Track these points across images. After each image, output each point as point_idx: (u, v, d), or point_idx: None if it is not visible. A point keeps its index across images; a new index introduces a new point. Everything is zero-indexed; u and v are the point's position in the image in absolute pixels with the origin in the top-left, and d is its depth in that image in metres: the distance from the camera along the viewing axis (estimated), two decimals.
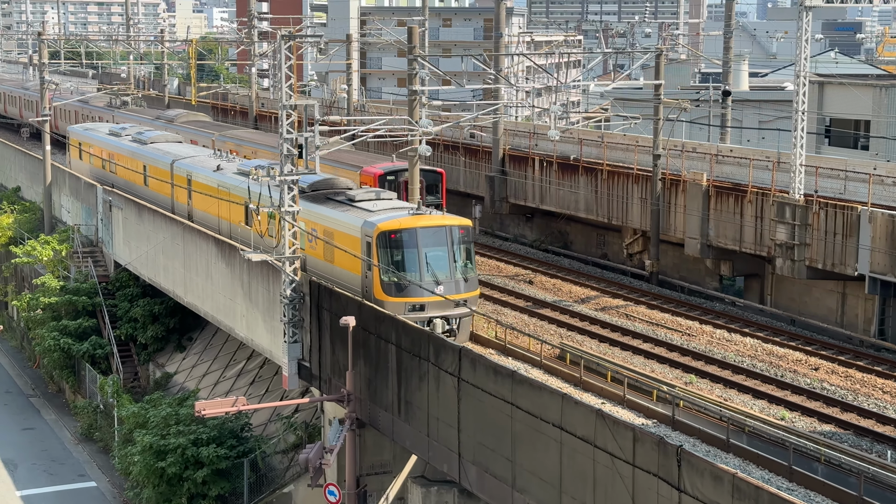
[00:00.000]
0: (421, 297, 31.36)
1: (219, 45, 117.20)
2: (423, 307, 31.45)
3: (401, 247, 31.47)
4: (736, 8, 52.87)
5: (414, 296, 31.42)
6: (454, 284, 31.68)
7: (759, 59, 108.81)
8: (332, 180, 36.92)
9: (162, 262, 46.37)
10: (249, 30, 73.43)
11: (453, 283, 31.67)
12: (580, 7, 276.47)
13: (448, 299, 31.33)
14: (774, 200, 36.74)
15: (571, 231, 49.48)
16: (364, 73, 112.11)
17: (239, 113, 75.84)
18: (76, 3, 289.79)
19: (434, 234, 31.78)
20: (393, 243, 31.38)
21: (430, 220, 31.95)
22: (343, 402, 31.81)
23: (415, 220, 31.68)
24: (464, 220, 32.69)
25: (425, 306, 31.43)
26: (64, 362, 50.61)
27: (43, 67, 58.47)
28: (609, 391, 27.48)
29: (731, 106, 50.32)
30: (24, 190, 67.83)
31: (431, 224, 31.83)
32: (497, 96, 48.91)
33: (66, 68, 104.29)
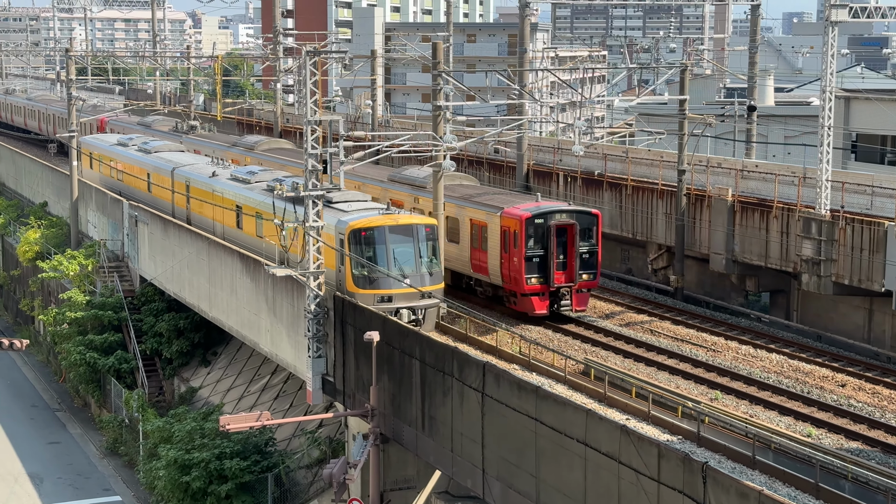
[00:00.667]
0: (389, 289, 33.99)
1: (244, 60, 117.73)
2: (391, 299, 34.01)
3: (370, 243, 34.31)
4: (761, 23, 52.71)
5: (382, 288, 34.03)
6: (420, 278, 34.45)
7: (785, 74, 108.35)
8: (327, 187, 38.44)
9: (187, 277, 46.53)
10: (275, 46, 73.77)
11: (419, 277, 34.46)
12: (605, 22, 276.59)
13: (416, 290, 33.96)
14: (800, 216, 36.55)
15: None
16: (388, 88, 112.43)
17: (264, 128, 76.12)
18: (103, 20, 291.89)
19: (401, 231, 34.72)
20: (363, 240, 34.19)
21: (398, 220, 34.94)
22: (367, 418, 31.81)
23: (384, 219, 34.70)
24: (429, 220, 35.86)
25: (393, 298, 34.03)
26: (90, 377, 50.83)
27: (70, 83, 58.89)
28: (634, 407, 27.35)
29: (756, 121, 50.13)
30: (51, 205, 68.28)
31: (399, 223, 34.79)
32: (521, 111, 48.90)
33: (93, 84, 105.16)
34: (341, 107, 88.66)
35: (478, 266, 37.76)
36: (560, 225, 35.87)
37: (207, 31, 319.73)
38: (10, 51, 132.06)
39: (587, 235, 36.34)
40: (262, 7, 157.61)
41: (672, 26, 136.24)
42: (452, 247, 38.36)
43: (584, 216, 36.63)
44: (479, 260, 37.59)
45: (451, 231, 38.36)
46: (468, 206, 38.01)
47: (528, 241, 35.50)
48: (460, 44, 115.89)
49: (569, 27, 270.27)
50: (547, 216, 35.89)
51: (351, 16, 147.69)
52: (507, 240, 36.00)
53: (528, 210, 35.89)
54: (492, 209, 36.83)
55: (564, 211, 36.41)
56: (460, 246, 38.41)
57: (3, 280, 73.03)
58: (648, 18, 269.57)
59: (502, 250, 36.23)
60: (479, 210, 37.47)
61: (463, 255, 38.40)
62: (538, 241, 35.65)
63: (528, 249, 35.50)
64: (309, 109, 33.31)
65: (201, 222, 46.76)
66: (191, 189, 48.01)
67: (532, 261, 35.69)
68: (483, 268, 37.43)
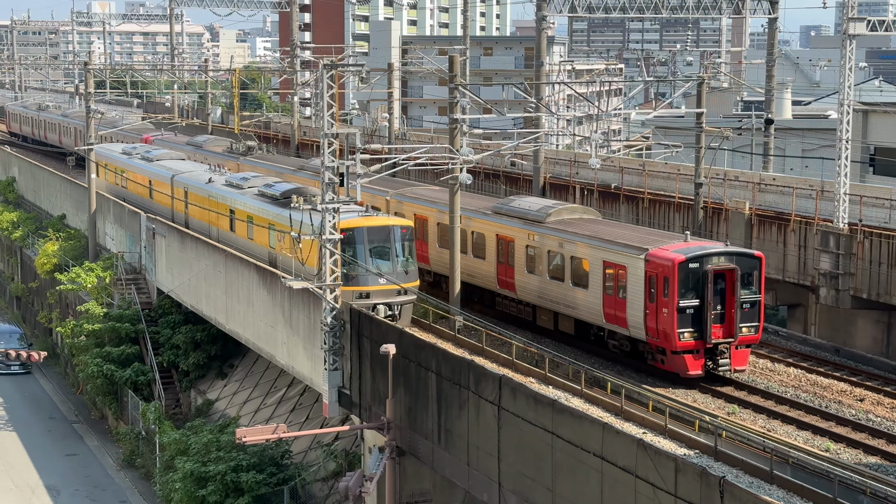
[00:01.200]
0: (367, 286, 35.39)
1: (262, 74, 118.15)
2: (369, 295, 35.32)
3: (350, 243, 35.42)
4: (778, 36, 52.63)
5: (361, 285, 35.44)
6: (395, 276, 35.78)
7: (803, 88, 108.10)
8: (301, 188, 41.78)
9: (204, 290, 46.64)
10: (292, 59, 74.07)
11: (395, 275, 35.76)
12: (621, 36, 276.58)
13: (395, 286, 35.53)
14: (818, 229, 36.43)
15: None
16: (405, 101, 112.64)
17: (281, 141, 76.35)
18: (122, 34, 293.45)
19: (379, 232, 36.17)
20: (343, 240, 34.82)
21: (376, 221, 36.57)
22: (383, 430, 31.80)
23: (363, 220, 36.18)
24: (406, 222, 37.38)
25: (371, 294, 35.32)
26: (107, 389, 50.96)
27: (89, 97, 59.20)
28: (650, 421, 27.25)
29: (773, 134, 50.07)
30: (69, 217, 68.56)
31: (377, 224, 36.38)
32: (538, 124, 48.92)
33: (111, 97, 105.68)
34: (358, 120, 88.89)
35: (613, 316, 33.08)
36: (718, 270, 31.23)
37: (225, 45, 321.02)
38: (30, 64, 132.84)
39: (749, 282, 31.65)
40: (280, 21, 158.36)
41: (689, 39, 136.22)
42: (579, 291, 33.77)
43: (746, 259, 31.87)
44: (614, 309, 32.91)
45: (576, 274, 34.06)
46: (601, 245, 33.51)
47: (680, 288, 30.92)
48: (477, 57, 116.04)
49: (585, 40, 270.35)
50: (703, 260, 31.33)
51: (368, 29, 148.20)
52: (655, 287, 31.39)
53: (680, 252, 31.33)
54: (633, 250, 32.29)
55: (723, 253, 31.73)
56: (589, 291, 33.45)
57: (21, 292, 73.32)
58: (665, 32, 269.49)
59: (647, 299, 31.65)
60: (615, 251, 32.96)
61: (592, 302, 33.81)
62: (693, 288, 31.07)
63: (680, 299, 30.93)
64: (326, 122, 33.40)
65: (198, 226, 48.77)
66: (189, 195, 50.21)
67: (685, 312, 31.04)
68: (620, 319, 32.76)
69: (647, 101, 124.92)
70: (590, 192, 47.76)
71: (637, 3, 50.39)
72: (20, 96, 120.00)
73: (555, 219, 36.08)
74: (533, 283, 36.17)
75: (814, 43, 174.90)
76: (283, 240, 37.31)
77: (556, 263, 35.14)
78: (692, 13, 51.69)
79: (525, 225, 36.72)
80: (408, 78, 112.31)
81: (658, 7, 50.12)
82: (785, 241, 38.34)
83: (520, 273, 36.72)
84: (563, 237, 34.82)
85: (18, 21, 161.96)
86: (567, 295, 34.53)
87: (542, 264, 35.69)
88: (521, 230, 36.77)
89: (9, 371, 57.79)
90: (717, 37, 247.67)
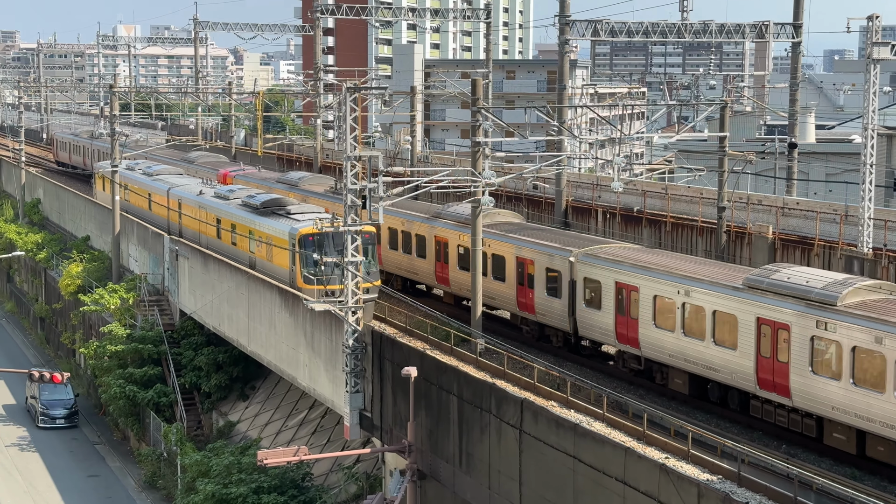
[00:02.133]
0: (332, 285, 37.87)
1: (285, 96, 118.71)
2: (334, 293, 37.12)
3: (315, 246, 39.32)
4: (802, 60, 52.54)
5: (327, 284, 38.29)
6: None
7: (826, 112, 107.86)
8: (280, 199, 45.48)
9: (226, 311, 46.76)
10: (315, 82, 74.40)
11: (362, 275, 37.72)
12: (644, 59, 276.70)
13: None
14: (842, 254, 36.24)
15: None
16: (428, 124, 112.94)
17: (304, 164, 76.63)
18: (147, 57, 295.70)
19: (343, 237, 37.07)
20: (311, 243, 39.24)
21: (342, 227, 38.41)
22: (404, 453, 31.75)
23: (329, 226, 38.16)
24: (369, 227, 38.54)
25: (336, 293, 36.98)
26: (129, 410, 51.08)
27: (114, 119, 59.61)
28: (673, 446, 27.09)
29: (797, 158, 49.89)
30: (93, 239, 68.93)
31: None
32: (560, 148, 48.92)
33: (136, 119, 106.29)
34: (381, 142, 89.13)
35: (523, 304, 36.00)
36: None
37: (249, 68, 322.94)
38: (56, 86, 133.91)
39: None
40: (304, 44, 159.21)
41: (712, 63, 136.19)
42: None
43: None
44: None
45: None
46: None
47: None
48: (500, 80, 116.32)
49: (608, 64, 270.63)
50: None
51: (391, 53, 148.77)
52: None
53: None
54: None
55: None
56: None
57: (45, 313, 73.70)
58: (688, 56, 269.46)
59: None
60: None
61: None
62: None
63: None
64: (348, 145, 33.52)
65: (190, 235, 52.75)
66: (182, 206, 54.10)
67: None
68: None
69: (670, 124, 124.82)
70: (612, 215, 47.69)
71: (660, 27, 50.41)
72: (46, 118, 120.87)
73: None
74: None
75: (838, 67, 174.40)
76: (261, 244, 42.60)
77: None
78: (715, 37, 51.66)
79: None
80: (430, 101, 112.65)
81: (681, 31, 50.12)
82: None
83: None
84: None
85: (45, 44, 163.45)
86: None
87: None
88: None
89: (55, 425, 55.12)
90: (740, 61, 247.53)
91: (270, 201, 45.04)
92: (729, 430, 29.45)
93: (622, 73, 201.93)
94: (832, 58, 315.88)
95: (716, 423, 30.18)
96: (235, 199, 48.34)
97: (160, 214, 57.27)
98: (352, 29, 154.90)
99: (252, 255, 44.75)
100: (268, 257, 42.92)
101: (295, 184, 53.57)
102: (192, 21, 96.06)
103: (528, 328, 37.23)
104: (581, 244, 35.85)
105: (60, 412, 55.66)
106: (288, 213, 43.03)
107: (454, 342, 35.35)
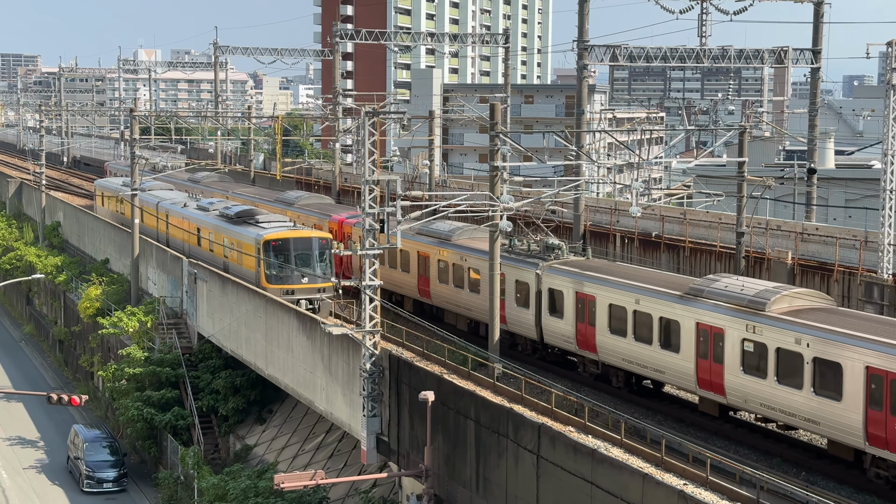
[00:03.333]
0: (292, 284, 44.72)
1: (304, 121, 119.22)
2: (294, 292, 44.34)
3: (278, 251, 45.52)
4: (821, 86, 52.50)
5: (287, 284, 44.72)
6: (318, 277, 44.97)
7: (846, 137, 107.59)
8: (252, 210, 51.29)
9: (244, 335, 46.82)
10: (334, 106, 74.68)
11: (318, 276, 44.97)
12: (663, 84, 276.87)
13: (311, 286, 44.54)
14: (862, 280, 36.09)
15: None
16: (446, 148, 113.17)
17: (322, 188, 76.84)
18: (167, 81, 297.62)
19: (302, 242, 45.71)
20: (273, 248, 45.39)
21: (300, 233, 46.41)
22: (421, 478, 31.65)
23: (290, 233, 46.23)
24: (326, 234, 46.66)
25: (295, 291, 44.40)
26: (147, 433, 51.11)
27: (134, 142, 59.94)
28: (691, 472, 26.94)
29: (816, 184, 49.76)
30: (112, 262, 69.19)
31: (301, 236, 46.24)
32: (578, 172, 48.94)
33: (155, 143, 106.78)
34: (399, 166, 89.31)
35: None
36: None
37: (268, 92, 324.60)
38: (77, 110, 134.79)
39: None
40: (323, 68, 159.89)
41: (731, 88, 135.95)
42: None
43: None
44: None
45: None
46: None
47: None
48: (518, 105, 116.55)
49: (626, 89, 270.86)
50: None
51: (410, 77, 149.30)
52: None
53: None
54: None
55: None
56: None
57: (64, 336, 73.94)
58: (707, 80, 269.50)
59: None
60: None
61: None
62: None
63: None
64: (367, 169, 33.60)
65: (176, 244, 58.33)
66: (169, 217, 59.94)
67: None
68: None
69: (689, 149, 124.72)
70: (630, 240, 47.62)
71: (678, 52, 50.46)
72: (66, 142, 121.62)
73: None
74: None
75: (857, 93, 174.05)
76: (232, 250, 48.95)
77: None
78: (734, 63, 51.67)
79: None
80: (449, 125, 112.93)
81: (700, 56, 50.15)
82: (828, 292, 37.97)
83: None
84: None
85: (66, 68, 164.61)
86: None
87: None
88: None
89: (101, 489, 49.66)
90: (759, 86, 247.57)
91: (243, 212, 50.94)
92: (748, 457, 29.29)
93: (640, 98, 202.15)
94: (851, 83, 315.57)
95: (735, 450, 30.03)
96: (214, 210, 54.94)
97: (150, 226, 63.25)
98: (371, 54, 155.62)
99: (226, 259, 50.65)
100: (238, 261, 48.52)
101: (447, 237, 43.92)
102: (212, 45, 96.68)
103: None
104: None
105: (109, 474, 50.51)
106: (256, 222, 48.71)
107: (471, 366, 35.30)
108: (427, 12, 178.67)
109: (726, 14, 49.13)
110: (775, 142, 79.66)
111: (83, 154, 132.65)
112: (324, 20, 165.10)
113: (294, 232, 46.24)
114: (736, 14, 49.38)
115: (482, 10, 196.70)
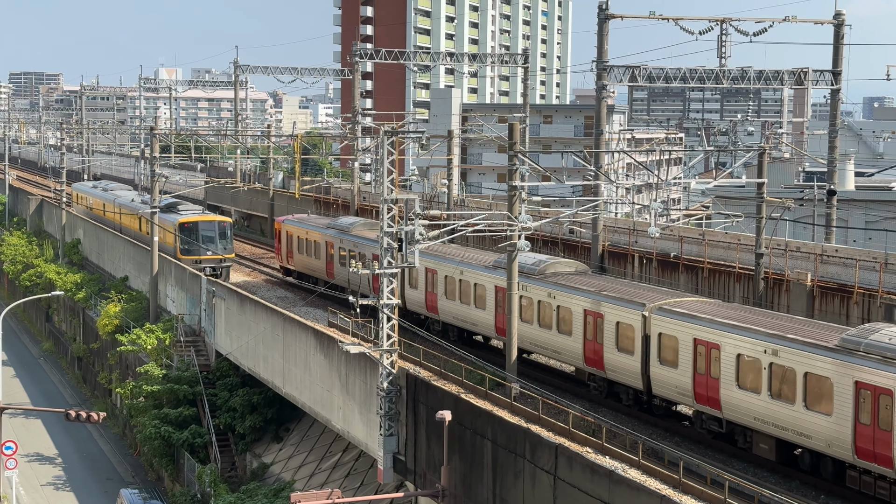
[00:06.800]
0: (200, 255, 60.14)
1: (323, 139, 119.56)
2: (202, 262, 59.39)
3: (189, 231, 61.27)
4: (841, 107, 52.32)
5: (196, 255, 60.20)
6: (219, 251, 60.68)
7: (866, 159, 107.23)
8: (176, 202, 66.34)
9: (262, 353, 46.85)
10: (353, 125, 74.86)
11: (219, 250, 60.74)
12: (682, 105, 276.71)
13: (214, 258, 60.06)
14: (882, 302, 35.88)
15: None
16: (464, 168, 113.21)
17: (341, 206, 76.98)
18: (188, 100, 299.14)
19: (208, 225, 61.78)
20: (186, 229, 61.21)
21: (207, 217, 63.14)
22: (438, 498, 31.55)
23: (199, 217, 62.59)
24: (226, 218, 64.40)
25: (202, 261, 59.51)
26: (164, 450, 51.15)
27: (154, 160, 60.20)
28: (709, 494, 26.77)
29: (836, 205, 49.57)
30: (131, 279, 69.45)
31: (207, 219, 62.50)
32: (597, 192, 48.90)
33: (175, 161, 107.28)
34: (417, 186, 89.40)
35: None
36: None
37: (288, 111, 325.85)
38: (98, 128, 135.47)
39: None
40: (342, 88, 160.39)
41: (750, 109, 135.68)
42: None
43: None
44: None
45: None
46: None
47: None
48: (537, 125, 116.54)
49: (645, 109, 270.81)
50: None
51: (429, 97, 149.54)
52: None
53: None
54: None
55: None
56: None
57: (83, 352, 74.17)
58: (726, 101, 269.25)
59: None
60: None
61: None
62: None
63: None
64: (385, 188, 33.66)
65: (128, 232, 72.79)
66: (121, 210, 75.66)
67: None
68: None
69: (708, 170, 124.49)
70: (648, 260, 47.51)
71: (698, 73, 50.42)
72: (87, 160, 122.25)
73: None
74: None
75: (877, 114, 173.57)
76: (165, 234, 62.37)
77: None
78: (753, 84, 51.58)
79: None
80: (467, 145, 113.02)
81: (719, 77, 50.10)
82: (848, 314, 37.75)
83: None
84: None
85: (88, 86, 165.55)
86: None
87: None
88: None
89: None
90: (778, 107, 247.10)
91: (170, 204, 65.34)
92: (766, 479, 29.09)
93: (660, 119, 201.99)
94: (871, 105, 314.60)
95: (753, 472, 29.84)
96: None
97: (112, 219, 78.48)
98: (390, 73, 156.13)
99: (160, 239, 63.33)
100: (163, 240, 61.81)
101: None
102: (232, 65, 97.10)
103: None
104: None
105: None
106: (178, 211, 63.92)
107: (489, 386, 35.22)
108: (447, 32, 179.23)
109: (746, 35, 49.06)
110: (795, 163, 79.45)
111: (103, 172, 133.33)
112: (344, 40, 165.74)
113: (203, 216, 62.88)
114: (756, 35, 49.32)
115: (501, 30, 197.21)
